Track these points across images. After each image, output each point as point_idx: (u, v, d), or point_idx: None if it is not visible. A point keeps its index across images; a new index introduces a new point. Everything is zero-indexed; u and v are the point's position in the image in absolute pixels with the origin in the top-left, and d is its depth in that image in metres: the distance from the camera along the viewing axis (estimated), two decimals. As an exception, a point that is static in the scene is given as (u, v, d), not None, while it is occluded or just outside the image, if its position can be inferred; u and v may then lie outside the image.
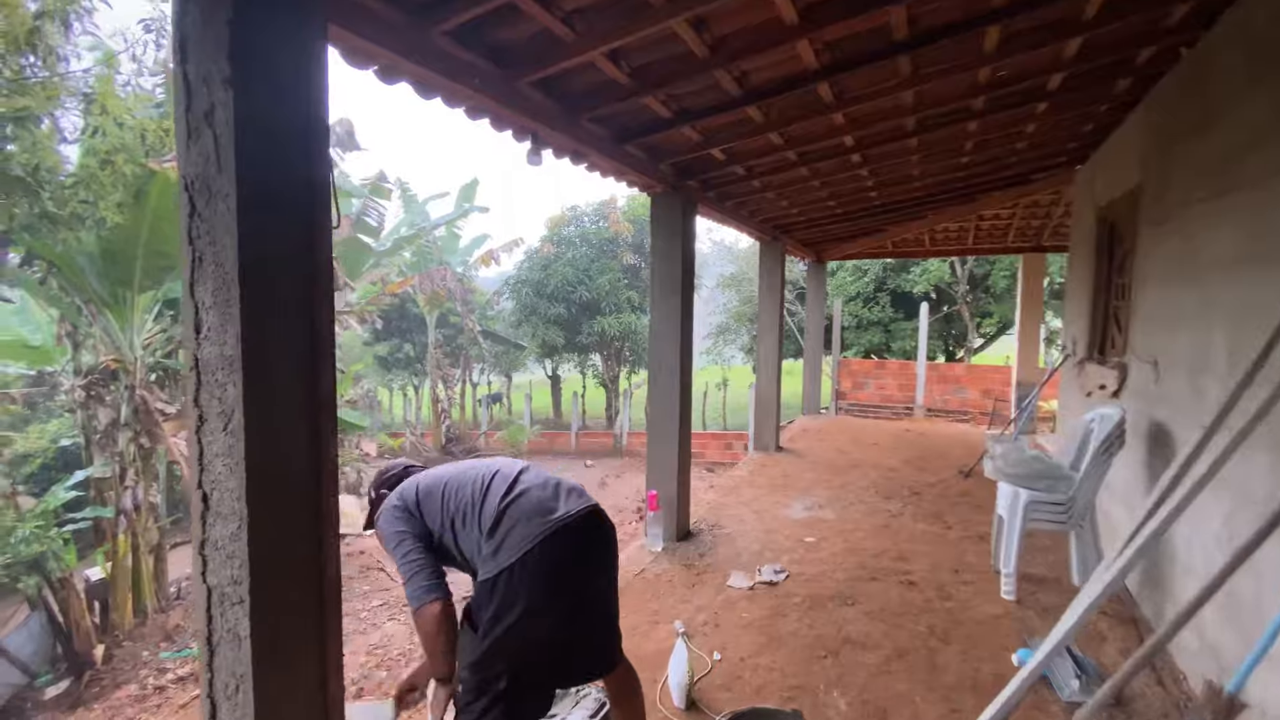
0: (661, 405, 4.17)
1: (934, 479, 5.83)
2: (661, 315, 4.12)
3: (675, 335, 4.08)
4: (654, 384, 4.20)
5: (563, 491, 1.78)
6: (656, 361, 4.18)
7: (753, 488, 5.51)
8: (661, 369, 4.15)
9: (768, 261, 6.73)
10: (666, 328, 4.10)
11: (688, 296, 4.15)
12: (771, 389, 6.76)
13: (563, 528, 1.67)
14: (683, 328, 4.09)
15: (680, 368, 4.09)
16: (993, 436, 3.93)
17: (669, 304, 4.08)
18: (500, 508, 1.71)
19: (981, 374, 11.48)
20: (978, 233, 7.99)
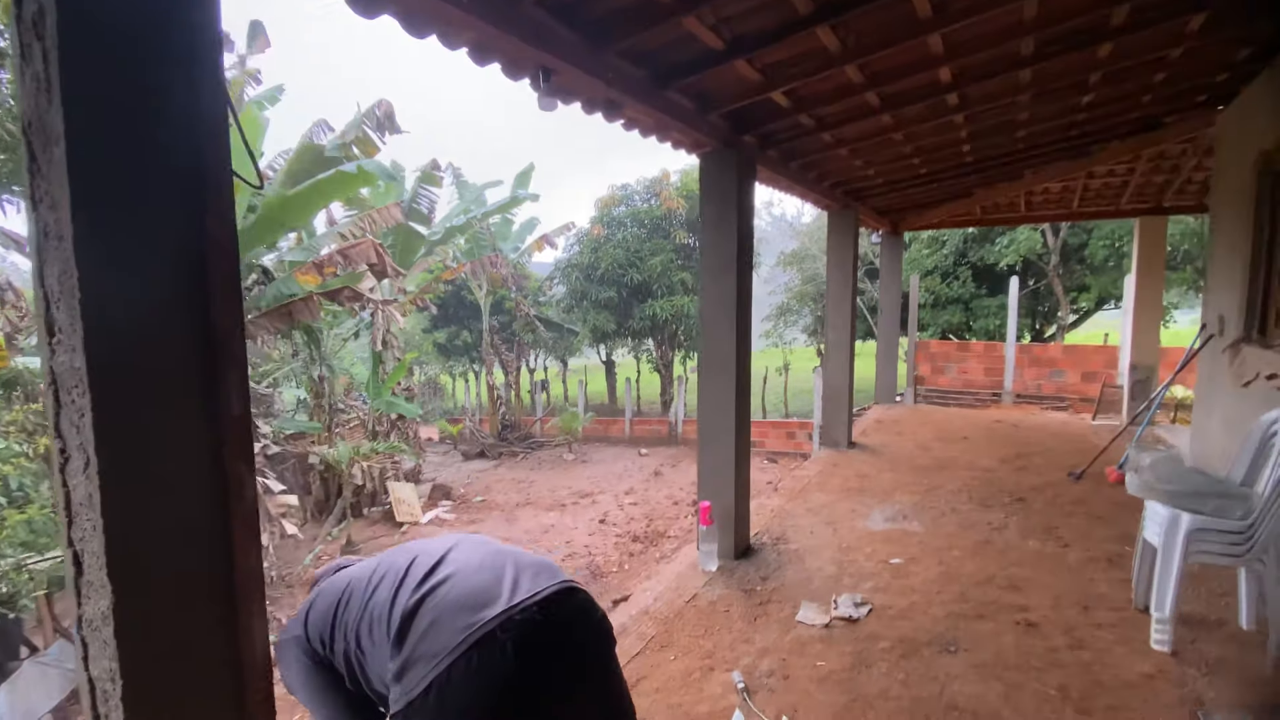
0: (714, 402, 3.59)
1: (1038, 481, 5.00)
2: (713, 298, 3.52)
3: (730, 321, 3.48)
4: (705, 378, 3.62)
5: (513, 572, 1.15)
6: (708, 352, 3.59)
7: (823, 492, 4.86)
8: (714, 361, 3.57)
9: (838, 233, 5.97)
10: (719, 313, 3.51)
11: (744, 276, 3.54)
12: (842, 377, 6.04)
13: (502, 631, 1.04)
14: (739, 313, 3.48)
15: (737, 359, 3.50)
16: (1136, 446, 3.14)
17: (722, 285, 3.48)
18: (410, 606, 1.11)
19: (1081, 355, 10.22)
20: (1084, 194, 6.90)
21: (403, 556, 1.22)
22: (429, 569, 1.14)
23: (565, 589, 1.12)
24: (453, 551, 1.19)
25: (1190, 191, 6.62)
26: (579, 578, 7.96)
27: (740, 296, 3.48)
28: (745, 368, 3.60)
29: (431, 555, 1.18)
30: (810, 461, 5.76)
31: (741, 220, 3.45)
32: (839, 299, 6.01)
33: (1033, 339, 16.27)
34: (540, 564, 1.18)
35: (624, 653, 2.69)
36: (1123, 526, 3.99)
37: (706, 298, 3.55)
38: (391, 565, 1.20)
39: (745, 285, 3.54)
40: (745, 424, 3.64)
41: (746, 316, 3.59)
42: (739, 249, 3.44)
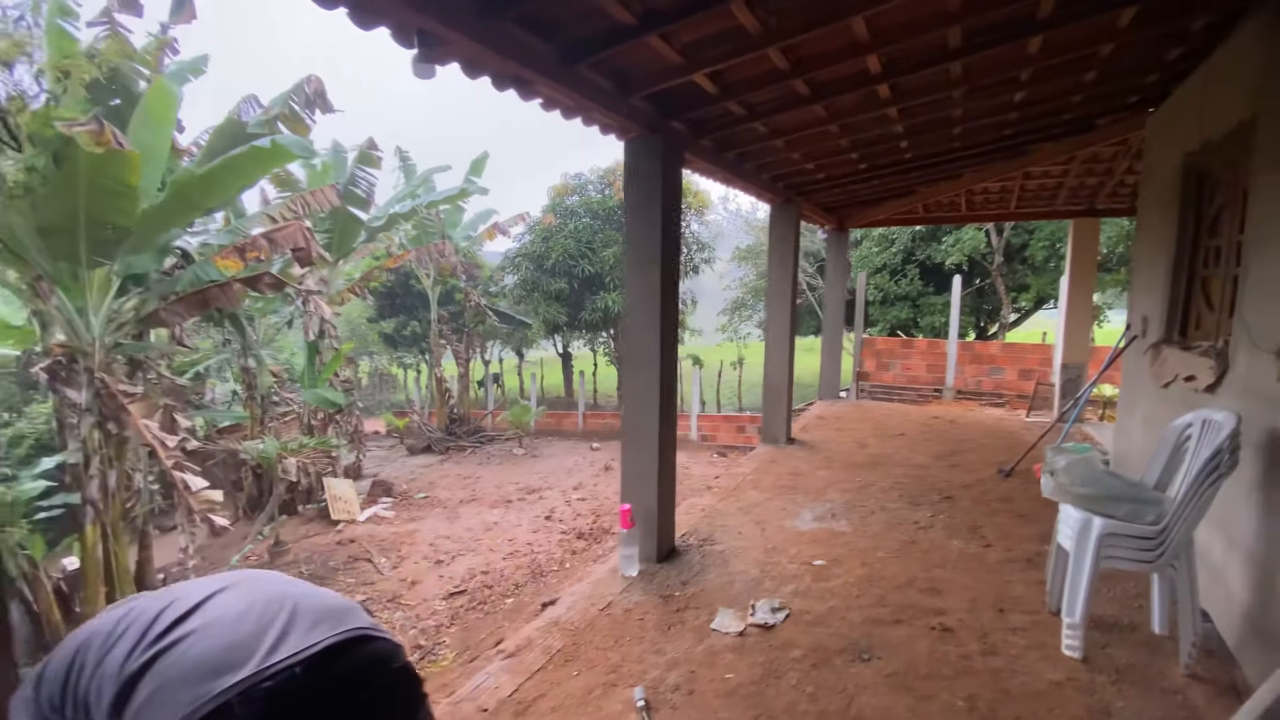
0: (638, 400, 3.43)
1: (969, 479, 5.03)
2: (637, 291, 3.36)
3: (653, 316, 3.32)
4: (628, 374, 3.47)
5: (283, 623, 0.87)
6: (632, 347, 3.44)
7: (757, 489, 4.78)
8: (638, 357, 3.41)
9: (780, 227, 5.89)
10: (642, 306, 3.35)
11: (670, 268, 3.38)
12: (782, 374, 5.98)
13: (241, 703, 0.78)
14: (663, 307, 3.33)
15: (661, 355, 3.35)
16: (1053, 448, 3.12)
17: (646, 277, 3.32)
18: (134, 670, 0.85)
19: (1019, 353, 10.50)
20: (1022, 194, 7.02)
21: (156, 602, 0.98)
22: (175, 619, 0.90)
23: (350, 639, 0.89)
24: (218, 595, 0.94)
25: (1122, 194, 6.79)
26: (520, 575, 7.75)
27: (665, 290, 3.33)
28: (670, 365, 3.46)
29: (188, 600, 0.93)
30: (748, 458, 5.69)
31: (667, 209, 3.29)
32: (779, 294, 5.94)
33: (977, 337, 16.73)
34: (328, 609, 0.93)
35: (524, 669, 2.52)
36: (1045, 525, 4.01)
37: (630, 290, 3.39)
38: (141, 613, 0.95)
39: (671, 278, 3.39)
40: (670, 423, 3.50)
41: (672, 311, 3.44)
42: (664, 240, 3.28)
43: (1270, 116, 2.60)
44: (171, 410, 7.85)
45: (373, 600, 7.81)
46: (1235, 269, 3.04)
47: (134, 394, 7.07)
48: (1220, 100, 3.20)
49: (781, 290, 5.94)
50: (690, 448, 13.70)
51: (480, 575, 7.95)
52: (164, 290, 7.21)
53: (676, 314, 3.51)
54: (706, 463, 12.48)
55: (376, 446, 16.61)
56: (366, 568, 8.69)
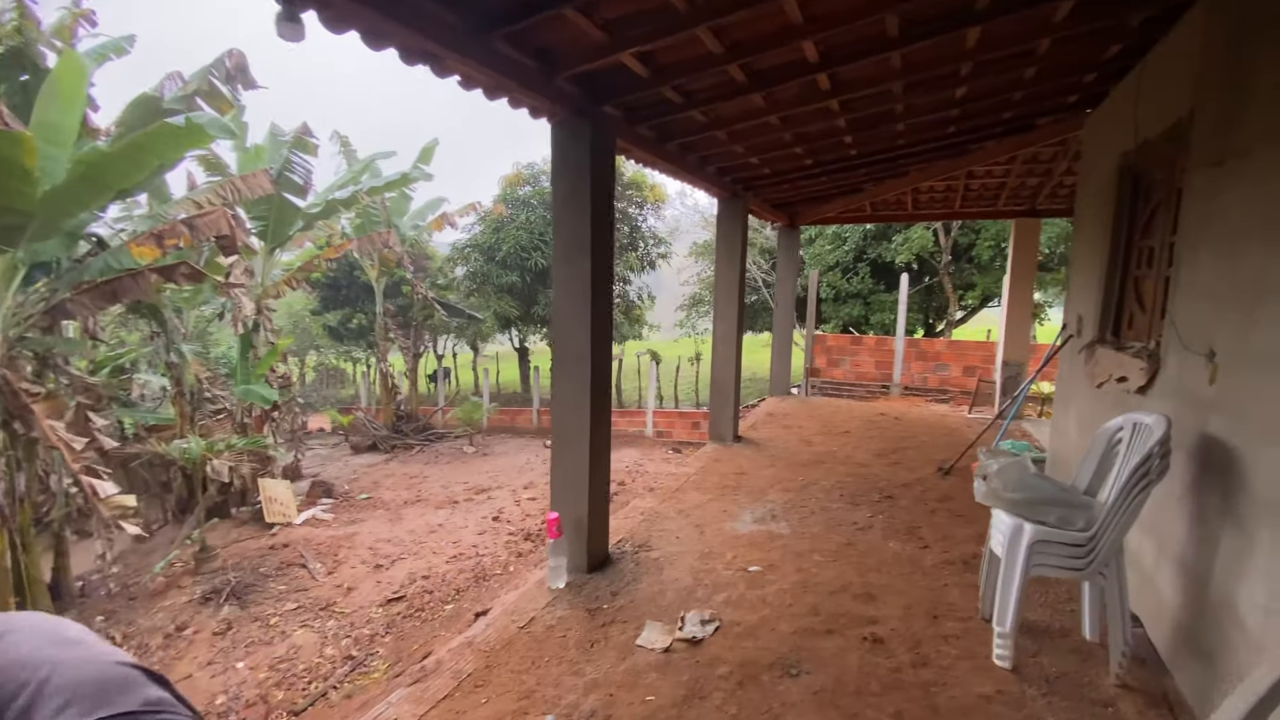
0: (568, 401, 3.24)
1: (910, 477, 5.02)
2: (565, 285, 3.17)
3: (583, 311, 3.13)
4: (558, 374, 3.27)
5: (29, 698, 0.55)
6: (561, 345, 3.24)
7: (699, 490, 4.65)
8: (567, 355, 3.22)
9: (727, 222, 5.77)
10: (571, 301, 3.16)
11: (602, 262, 3.20)
12: (729, 371, 5.87)
13: None
14: (594, 302, 3.14)
15: (592, 353, 3.16)
16: (987, 450, 3.07)
17: (574, 270, 3.13)
18: None
19: (963, 350, 10.73)
20: (966, 194, 7.09)
21: None
22: None
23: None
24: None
25: (1061, 195, 6.92)
26: (463, 580, 7.48)
27: (596, 283, 3.14)
28: (603, 364, 3.27)
29: None
30: (695, 457, 5.57)
31: (598, 198, 3.10)
32: (727, 290, 5.82)
33: (925, 334, 17.10)
34: (93, 682, 0.67)
35: (428, 698, 2.31)
36: (983, 525, 3.99)
37: (558, 285, 3.19)
38: None
39: (602, 271, 3.20)
40: (603, 426, 3.32)
41: (604, 305, 3.25)
42: (594, 231, 3.09)
43: (1206, 109, 2.57)
44: (85, 409, 7.27)
45: (304, 608, 7.43)
46: (1167, 270, 3.04)
47: (37, 392, 6.52)
48: (1157, 97, 3.19)
49: (729, 286, 5.83)
50: (645, 444, 13.59)
51: (421, 580, 7.65)
52: (74, 279, 6.65)
53: (609, 309, 3.33)
54: (661, 459, 12.38)
55: (320, 445, 15.96)
56: (300, 573, 8.26)
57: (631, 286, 14.11)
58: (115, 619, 7.28)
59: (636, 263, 13.22)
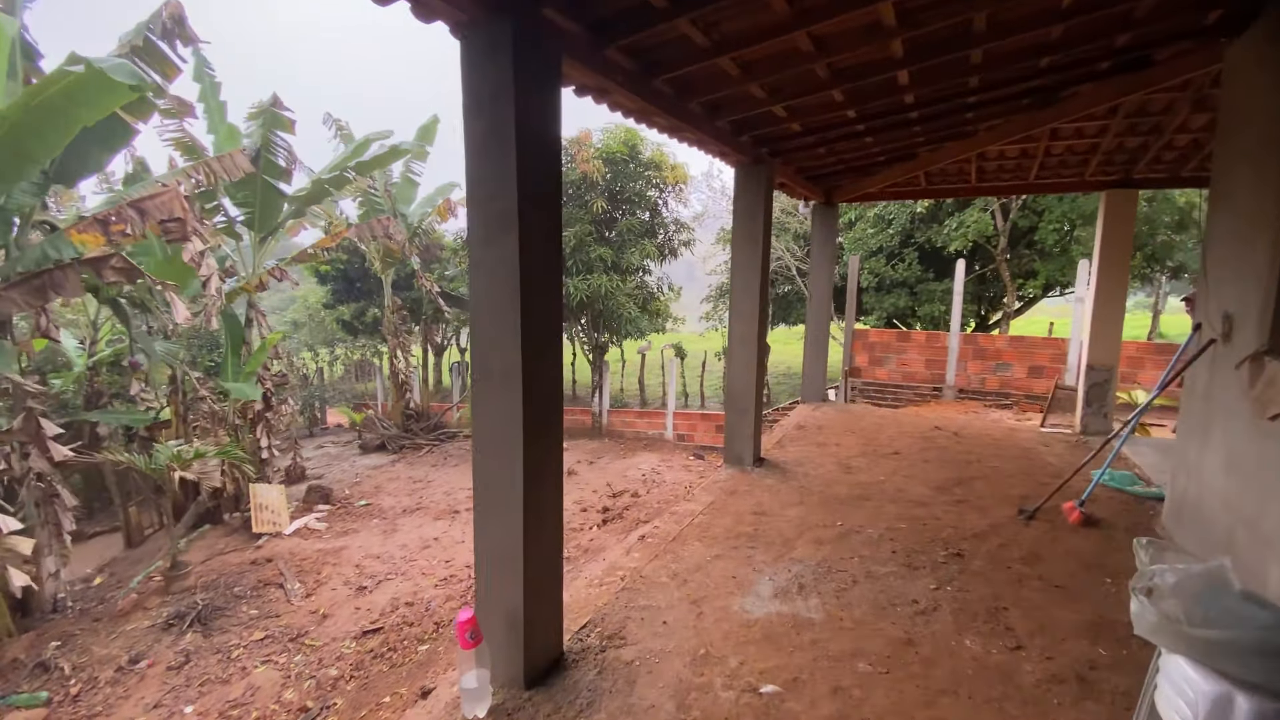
0: (489, 441, 2.23)
1: (982, 523, 3.86)
2: (483, 273, 2.14)
3: (509, 310, 2.11)
4: (476, 399, 2.26)
5: None
6: (479, 355, 2.23)
7: (704, 540, 3.59)
8: (489, 372, 2.20)
9: (747, 195, 4.66)
10: (491, 296, 2.14)
11: (538, 236, 2.16)
12: (748, 378, 4.78)
13: None
14: (527, 295, 2.11)
15: (526, 371, 2.13)
16: (1145, 543, 1.91)
17: (495, 251, 2.10)
18: None
19: (1027, 348, 9.35)
20: (1045, 160, 5.79)
21: None
22: None
23: None
24: None
25: (1166, 160, 5.58)
26: (448, 610, 6.61)
27: (529, 268, 2.11)
28: (544, 382, 2.24)
29: None
30: (704, 488, 4.50)
31: (525, 142, 2.06)
32: (745, 280, 4.72)
33: (977, 327, 15.57)
34: None
35: None
36: (1094, 605, 2.86)
37: (473, 271, 2.17)
38: None
39: (540, 250, 2.16)
40: (548, 470, 2.30)
41: (544, 300, 2.22)
42: (523, 192, 2.05)
43: None
44: (37, 416, 6.59)
45: (273, 638, 6.66)
46: None
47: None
48: None
49: (749, 275, 4.72)
50: (665, 448, 12.56)
51: (404, 607, 6.82)
52: (6, 272, 5.94)
53: (555, 304, 2.30)
54: (681, 466, 11.34)
55: (333, 442, 15.43)
56: (276, 595, 7.52)
57: (652, 276, 13.02)
58: (71, 644, 6.63)
59: (656, 251, 12.11)
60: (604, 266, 11.11)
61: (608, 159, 11.19)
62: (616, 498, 9.56)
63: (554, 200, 2.23)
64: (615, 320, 11.53)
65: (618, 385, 18.63)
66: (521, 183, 2.05)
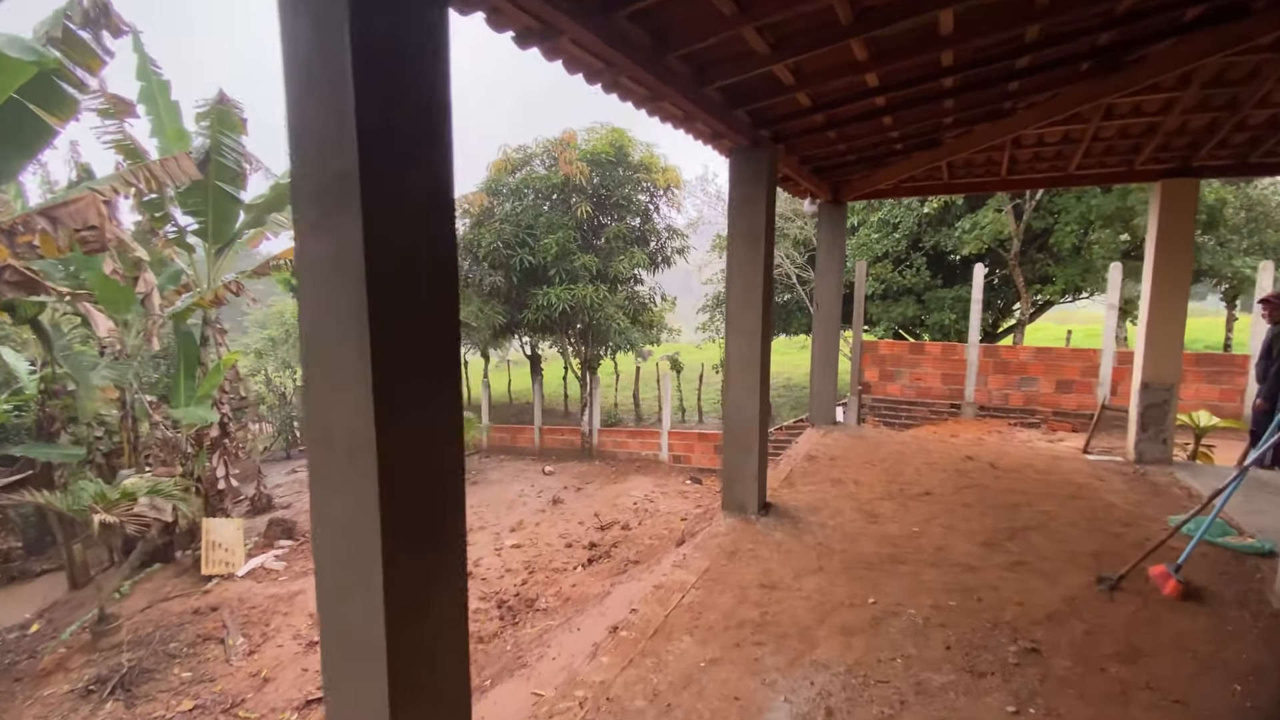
0: (331, 550, 1.38)
1: (1053, 598, 3.00)
2: (311, 260, 1.30)
3: (345, 346, 1.26)
4: (314, 488, 1.41)
5: None
6: (313, 419, 1.38)
7: (694, 635, 2.72)
8: (329, 442, 1.35)
9: (745, 185, 3.83)
10: (320, 283, 1.30)
11: (389, 225, 1.32)
12: (749, 407, 3.93)
13: None
14: (378, 331, 1.27)
15: (382, 447, 1.29)
16: None
17: (325, 236, 1.26)
18: None
19: (1054, 360, 8.51)
20: (1091, 146, 4.98)
21: None
22: None
23: None
24: None
25: (1234, 144, 4.77)
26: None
27: (382, 270, 1.27)
28: (432, 449, 1.40)
29: None
30: (697, 546, 3.64)
31: (363, 53, 1.22)
32: (746, 287, 3.88)
33: (986, 336, 14.75)
34: None
35: None
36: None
37: (300, 271, 1.34)
38: None
39: (412, 237, 1.32)
40: (431, 610, 1.45)
41: (430, 318, 1.37)
42: (365, 135, 1.22)
43: None
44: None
45: (204, 709, 5.77)
46: None
47: None
48: None
49: (748, 280, 3.89)
50: (659, 471, 11.66)
51: (356, 669, 5.87)
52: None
53: (445, 330, 1.45)
54: (676, 492, 10.43)
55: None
56: (215, 652, 6.61)
57: (644, 286, 12.19)
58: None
59: (647, 259, 11.29)
60: (589, 276, 10.28)
61: (593, 161, 10.40)
62: (605, 530, 8.69)
63: (435, 154, 1.39)
64: (604, 333, 10.68)
65: (611, 399, 17.76)
66: (367, 123, 1.21)
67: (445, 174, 1.41)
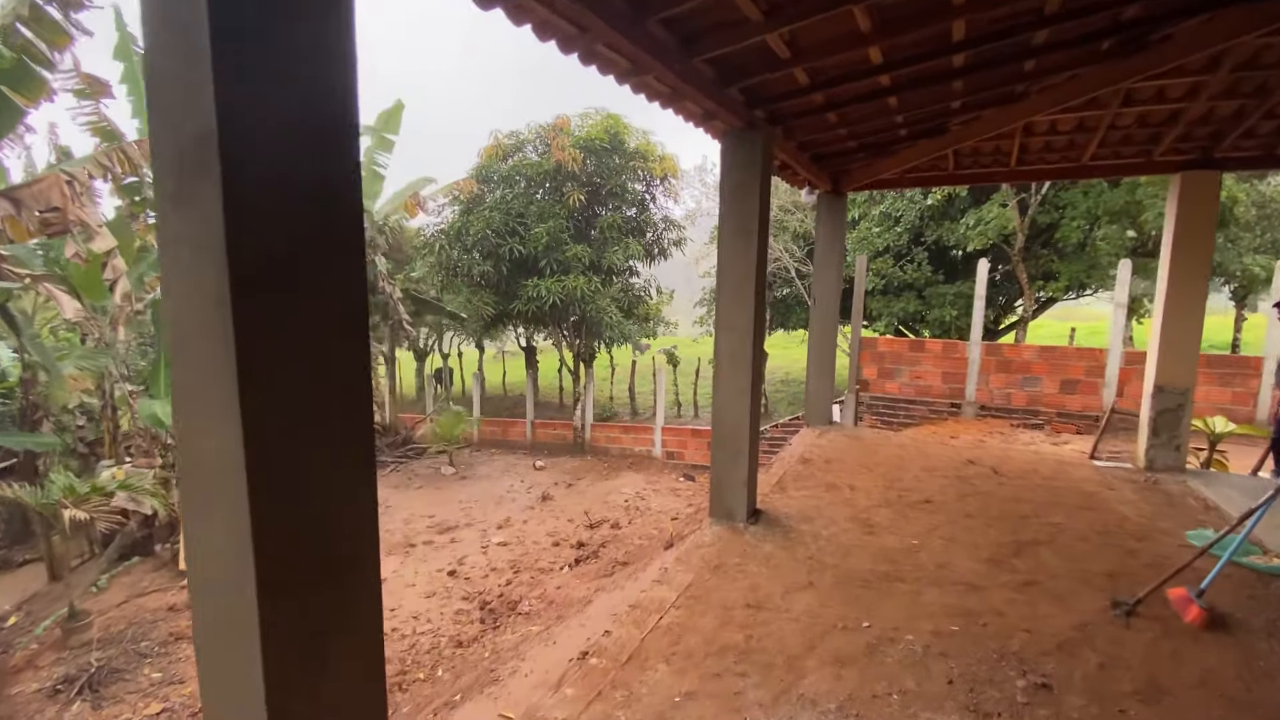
0: (206, 605, 1.12)
1: (1065, 621, 2.76)
2: (173, 253, 1.03)
3: (212, 355, 1.00)
4: (185, 515, 1.14)
5: None
6: (183, 441, 1.12)
7: (670, 664, 2.48)
8: (201, 467, 1.09)
9: (737, 171, 3.56)
10: (181, 291, 1.02)
11: (239, 185, 1.05)
12: (740, 408, 3.67)
13: None
14: (238, 304, 1.00)
15: (249, 467, 1.02)
16: None
17: (186, 208, 1.00)
18: None
19: (1059, 360, 8.25)
20: (1107, 135, 4.70)
21: None
22: None
23: None
24: None
25: (1262, 134, 4.49)
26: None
27: (246, 251, 1.00)
28: (326, 485, 1.14)
29: None
30: (679, 559, 3.39)
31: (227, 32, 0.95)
32: (737, 282, 3.61)
33: (987, 333, 14.49)
34: None
35: None
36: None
37: (161, 249, 1.07)
38: None
39: (281, 210, 1.06)
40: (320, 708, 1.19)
41: (334, 316, 1.11)
42: (223, 85, 0.95)
43: None
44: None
45: (172, 712, 5.55)
46: None
47: None
48: None
49: (740, 275, 3.62)
50: (652, 468, 11.42)
51: (329, 673, 5.63)
52: None
53: (352, 307, 1.19)
54: (668, 489, 10.19)
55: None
56: (187, 652, 6.39)
57: (639, 279, 11.90)
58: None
59: (642, 250, 10.99)
60: (582, 267, 9.98)
61: (587, 148, 10.08)
62: (594, 529, 8.46)
63: (329, 112, 1.12)
64: (597, 326, 10.40)
65: (606, 392, 17.51)
66: (228, 66, 0.94)
67: (344, 139, 1.14)
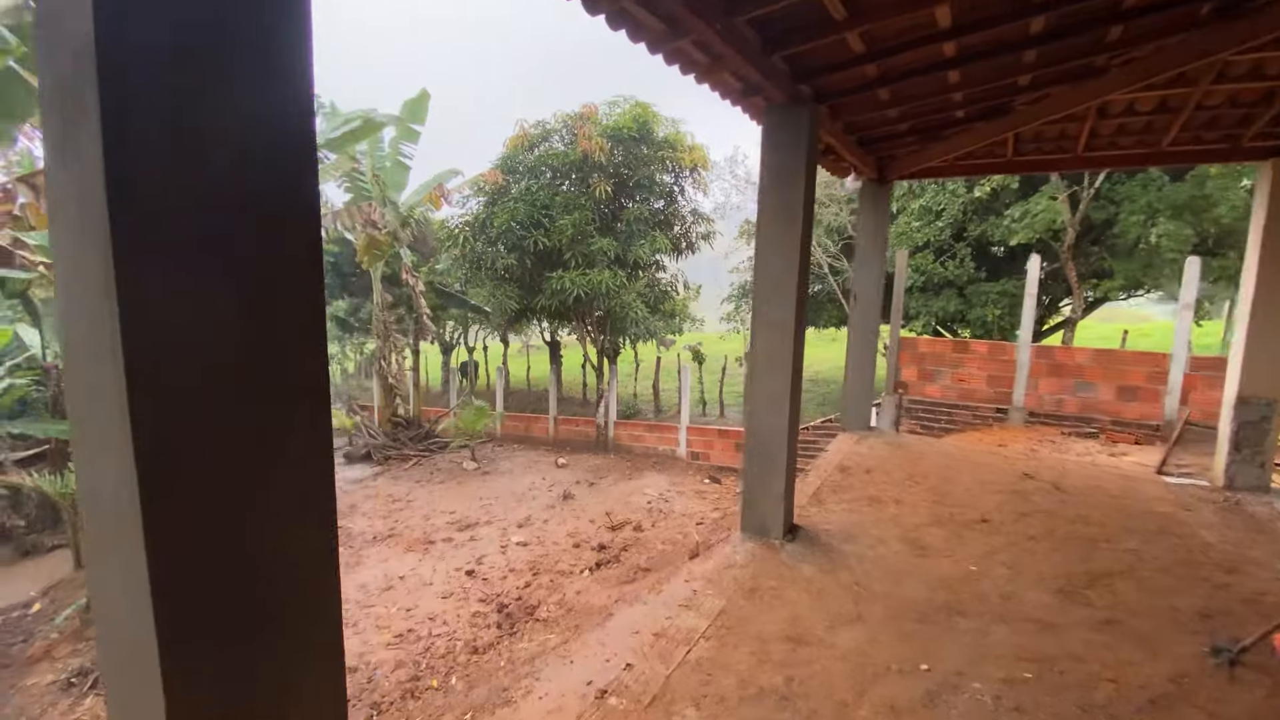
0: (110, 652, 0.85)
1: (1156, 671, 2.38)
2: (63, 213, 0.76)
3: (98, 330, 0.72)
4: (88, 538, 0.87)
5: None
6: (79, 468, 0.84)
7: (699, 706, 2.17)
8: (94, 495, 0.82)
9: (780, 150, 3.22)
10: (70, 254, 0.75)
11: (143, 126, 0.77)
12: (777, 413, 3.34)
13: None
14: (120, 276, 0.72)
15: (128, 488, 0.75)
16: None
17: (77, 165, 0.71)
18: None
19: (1116, 364, 7.70)
20: (1191, 117, 4.22)
21: None
22: None
23: None
24: None
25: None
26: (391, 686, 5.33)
27: (138, 202, 0.72)
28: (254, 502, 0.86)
29: None
30: (710, 579, 3.07)
31: None
32: (778, 271, 3.28)
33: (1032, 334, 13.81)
34: None
35: None
36: None
37: (46, 193, 0.81)
38: None
39: (173, 150, 0.77)
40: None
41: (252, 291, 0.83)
42: (108, 15, 0.66)
43: None
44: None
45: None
46: None
47: None
48: None
49: (782, 263, 3.28)
50: (676, 468, 11.10)
51: (341, 676, 5.46)
52: None
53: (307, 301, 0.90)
54: (694, 492, 9.87)
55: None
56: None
57: (666, 273, 11.58)
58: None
59: (669, 244, 10.66)
60: (607, 260, 9.69)
61: (615, 137, 9.77)
62: (616, 531, 8.19)
63: (269, 44, 0.84)
64: (622, 321, 10.11)
65: (631, 389, 17.22)
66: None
67: (287, 56, 0.86)
